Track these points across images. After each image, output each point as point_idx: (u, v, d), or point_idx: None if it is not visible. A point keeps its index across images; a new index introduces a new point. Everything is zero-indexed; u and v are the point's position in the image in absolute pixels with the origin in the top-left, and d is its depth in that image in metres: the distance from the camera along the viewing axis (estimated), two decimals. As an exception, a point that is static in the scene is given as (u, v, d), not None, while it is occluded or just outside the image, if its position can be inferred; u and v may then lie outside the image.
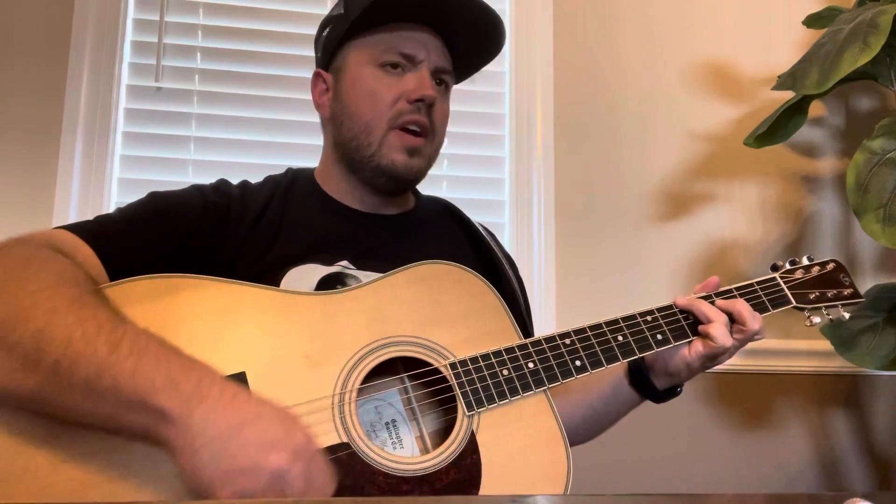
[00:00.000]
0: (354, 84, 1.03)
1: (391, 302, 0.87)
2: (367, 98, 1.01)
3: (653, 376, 1.00)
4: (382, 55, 1.01)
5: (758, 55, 1.84)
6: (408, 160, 1.01)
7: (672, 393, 1.02)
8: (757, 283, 1.02)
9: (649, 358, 0.99)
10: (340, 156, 1.06)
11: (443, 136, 1.08)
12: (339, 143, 1.05)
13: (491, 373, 0.85)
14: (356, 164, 1.03)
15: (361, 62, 1.02)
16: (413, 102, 0.99)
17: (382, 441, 0.83)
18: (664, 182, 1.79)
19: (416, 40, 1.01)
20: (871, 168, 1.39)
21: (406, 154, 1.01)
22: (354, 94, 1.02)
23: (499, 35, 1.06)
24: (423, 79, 1.00)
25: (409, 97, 0.99)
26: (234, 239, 0.96)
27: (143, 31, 1.66)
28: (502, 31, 1.06)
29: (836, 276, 1.05)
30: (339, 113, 1.04)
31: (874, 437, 1.76)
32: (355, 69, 1.03)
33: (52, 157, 1.56)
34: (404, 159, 1.01)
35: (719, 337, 0.92)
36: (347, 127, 1.03)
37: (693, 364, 0.95)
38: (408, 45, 1.01)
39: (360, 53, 1.03)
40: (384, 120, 1.00)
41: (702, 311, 0.94)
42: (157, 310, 0.78)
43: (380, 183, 1.04)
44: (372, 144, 1.00)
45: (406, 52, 1.01)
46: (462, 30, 1.04)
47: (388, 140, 1.00)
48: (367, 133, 1.01)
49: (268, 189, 1.05)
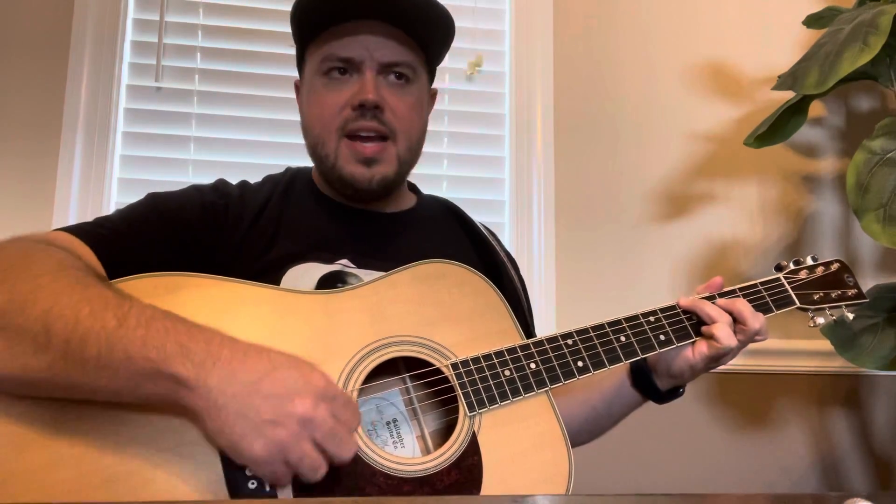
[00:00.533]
0: (307, 96, 1.03)
1: (393, 301, 0.87)
2: (316, 109, 1.00)
3: (655, 377, 0.99)
4: (322, 64, 0.99)
5: (758, 55, 1.84)
6: (366, 171, 0.98)
7: (674, 394, 1.01)
8: (761, 283, 1.01)
9: (652, 359, 0.98)
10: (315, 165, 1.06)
11: (414, 130, 1.02)
12: (309, 154, 1.05)
13: (493, 373, 0.85)
14: (323, 174, 1.04)
15: (311, 73, 1.02)
16: (356, 108, 0.97)
17: (383, 440, 0.83)
18: (664, 182, 1.79)
19: (355, 42, 0.97)
20: (871, 168, 1.39)
21: (363, 165, 0.98)
22: (307, 107, 1.03)
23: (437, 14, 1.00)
24: (364, 83, 0.96)
25: (351, 103, 0.97)
26: (233, 238, 0.96)
27: (143, 31, 1.66)
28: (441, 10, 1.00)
29: (840, 276, 1.04)
30: (302, 125, 1.05)
31: (874, 437, 1.76)
32: (308, 81, 1.03)
33: (52, 157, 1.56)
34: (362, 170, 0.98)
35: (723, 338, 0.91)
36: (308, 141, 1.03)
37: (697, 365, 0.94)
38: (345, 48, 0.97)
39: (310, 64, 1.02)
40: (333, 130, 0.98)
41: (705, 312, 0.94)
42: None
43: (348, 194, 1.03)
44: (329, 156, 0.99)
45: (344, 57, 0.97)
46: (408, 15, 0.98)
47: (340, 151, 0.98)
48: (322, 145, 1.00)
49: (267, 188, 1.05)
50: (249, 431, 0.65)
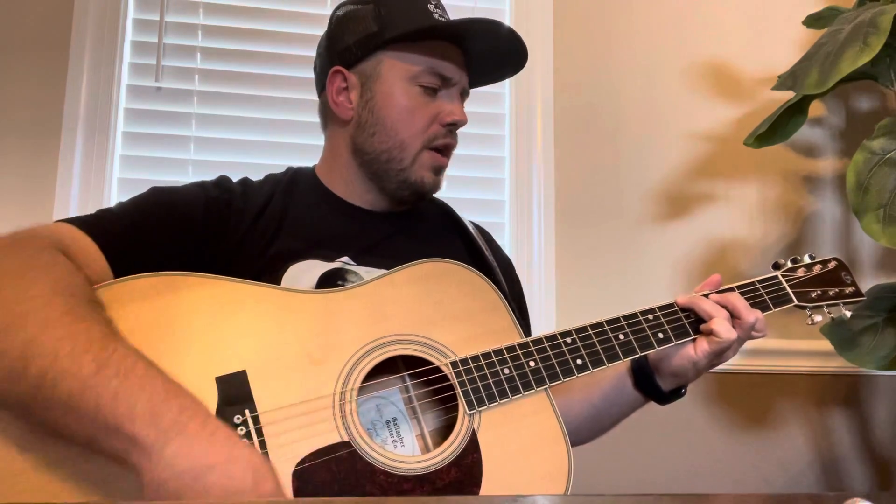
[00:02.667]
0: (389, 98, 1.02)
1: (392, 300, 0.87)
2: (404, 116, 1.02)
3: (658, 378, 0.99)
4: (421, 76, 1.02)
5: (758, 55, 1.84)
6: (434, 178, 1.06)
7: (676, 394, 1.01)
8: (759, 281, 1.02)
9: (654, 359, 0.98)
10: (361, 161, 1.05)
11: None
12: (365, 151, 1.04)
13: (492, 371, 0.85)
14: (381, 175, 1.04)
15: (397, 76, 1.02)
16: (446, 125, 1.03)
17: (383, 439, 0.83)
18: (664, 182, 1.79)
19: (452, 60, 1.04)
20: (871, 168, 1.39)
21: (433, 173, 1.05)
22: (390, 110, 1.02)
23: (520, 59, 1.10)
24: (456, 103, 1.05)
25: (442, 120, 1.03)
26: (234, 234, 0.96)
27: (143, 31, 1.66)
28: (524, 56, 1.09)
29: (837, 274, 1.04)
30: (370, 122, 1.03)
31: (874, 437, 1.76)
32: (390, 82, 1.02)
33: (52, 157, 1.56)
34: (432, 178, 1.05)
35: (722, 332, 0.91)
36: (380, 140, 1.03)
37: (699, 363, 0.94)
38: (446, 67, 1.03)
39: (395, 67, 1.02)
40: (419, 140, 1.02)
41: (702, 308, 0.94)
42: (158, 307, 0.78)
43: (403, 195, 1.06)
44: (404, 160, 1.03)
45: (444, 75, 1.03)
46: (485, 51, 1.06)
47: (420, 159, 1.03)
48: (401, 150, 1.02)
49: (268, 186, 1.06)
50: None
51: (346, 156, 1.07)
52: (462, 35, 1.04)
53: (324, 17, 1.73)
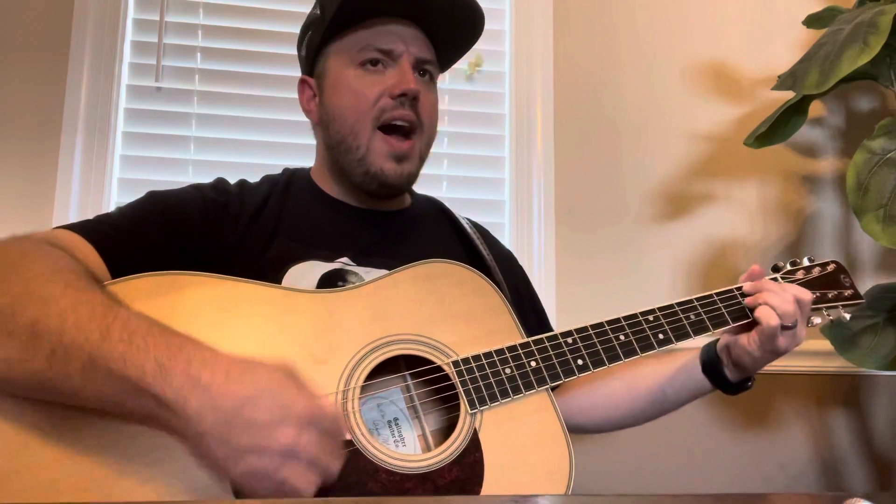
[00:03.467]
0: (336, 86, 1.02)
1: (394, 300, 0.87)
2: (350, 99, 1.00)
3: (725, 368, 0.98)
4: (360, 54, 1.00)
5: (758, 55, 1.84)
6: (396, 167, 1.00)
7: (743, 386, 1.00)
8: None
9: (721, 348, 0.98)
10: (333, 159, 1.05)
11: (433, 128, 1.06)
12: (329, 147, 1.05)
13: (493, 371, 0.85)
14: (346, 168, 1.03)
15: (341, 64, 1.02)
16: (396, 97, 0.98)
17: (385, 439, 0.83)
18: (664, 182, 1.79)
19: (393, 34, 1.00)
20: (871, 168, 1.40)
21: (394, 161, 1.00)
22: (338, 97, 1.02)
23: (477, 18, 1.06)
24: (404, 72, 0.99)
25: (391, 93, 0.98)
26: (232, 236, 0.96)
27: (143, 31, 1.66)
28: (480, 14, 1.05)
29: (836, 276, 1.04)
30: (326, 117, 1.04)
31: (874, 437, 1.76)
32: (336, 72, 1.03)
33: (52, 157, 1.56)
34: (392, 166, 1.00)
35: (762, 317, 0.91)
36: (335, 130, 1.02)
37: (754, 353, 0.93)
38: (384, 39, 0.99)
39: (339, 55, 1.03)
40: (368, 119, 0.99)
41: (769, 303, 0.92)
42: (160, 306, 0.78)
43: (371, 188, 1.03)
44: (360, 148, 1.00)
45: (383, 48, 0.99)
46: (439, 18, 1.02)
47: (374, 145, 0.99)
48: (354, 136, 1.00)
49: (265, 187, 1.06)
50: (230, 457, 0.63)
51: (324, 157, 1.08)
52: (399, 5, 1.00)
53: (324, 17, 1.74)
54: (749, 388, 1.01)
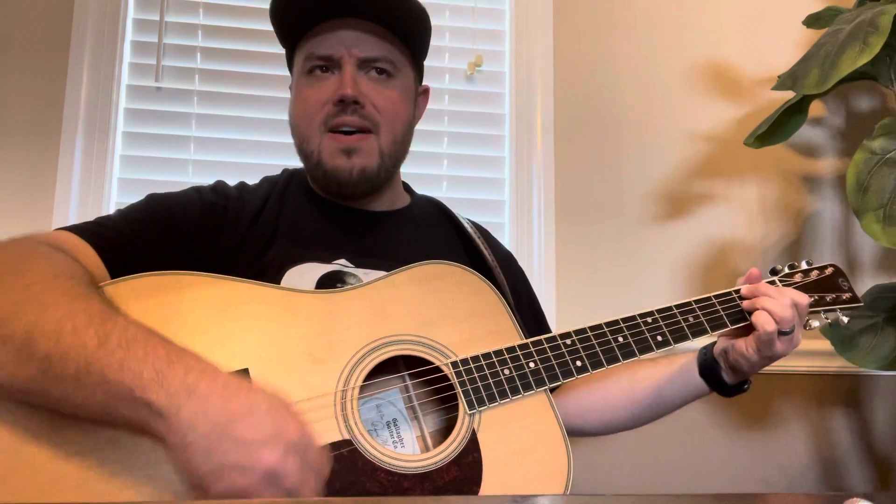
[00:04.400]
0: (294, 98, 1.05)
1: (393, 301, 0.88)
2: (300, 108, 1.02)
3: (722, 371, 0.98)
4: (305, 63, 1.01)
5: (758, 55, 1.84)
6: (346, 161, 0.99)
7: (739, 389, 1.00)
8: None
9: (718, 352, 0.98)
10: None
11: (398, 123, 1.03)
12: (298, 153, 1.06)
13: (492, 372, 0.85)
14: (311, 172, 1.05)
15: (296, 74, 1.05)
16: (337, 104, 0.98)
17: (384, 440, 0.83)
18: (664, 182, 1.79)
19: (333, 39, 0.99)
20: (871, 168, 1.39)
21: (343, 155, 0.99)
22: (293, 108, 1.05)
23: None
24: (343, 78, 0.98)
25: (332, 99, 0.98)
26: (232, 238, 0.97)
27: (143, 31, 1.66)
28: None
29: (834, 280, 1.04)
30: (290, 127, 1.06)
31: (874, 437, 1.76)
32: (294, 81, 1.05)
33: (52, 157, 1.56)
34: (342, 161, 0.99)
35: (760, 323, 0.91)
36: (295, 139, 1.04)
37: (752, 357, 0.93)
38: (322, 46, 0.99)
39: (295, 65, 1.05)
40: (316, 126, 0.99)
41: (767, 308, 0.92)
42: (160, 306, 0.79)
43: (333, 189, 1.03)
44: (314, 153, 1.01)
45: (322, 55, 0.99)
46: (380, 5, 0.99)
47: (324, 146, 1.00)
48: (307, 141, 1.01)
49: (265, 189, 1.06)
50: (213, 472, 0.63)
51: None
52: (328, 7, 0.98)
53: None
54: (746, 390, 1.01)
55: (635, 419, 1.07)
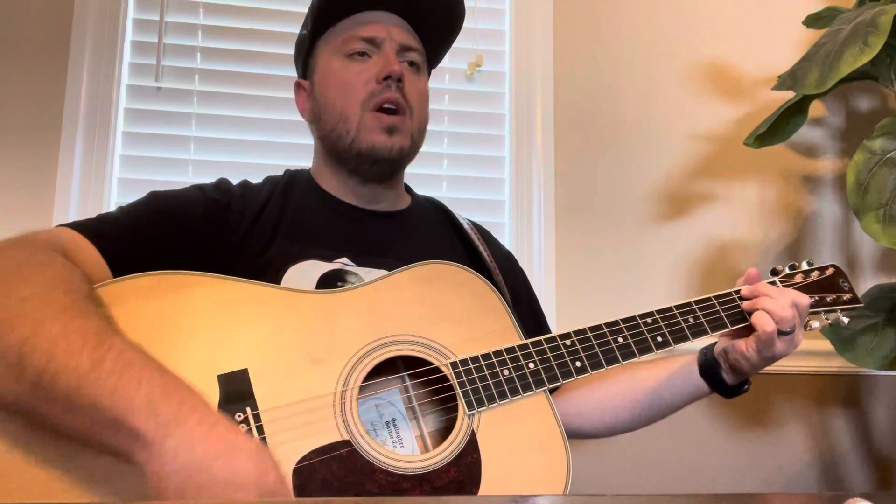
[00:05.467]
0: (325, 79, 1.06)
1: (393, 301, 0.87)
2: (338, 87, 1.03)
3: (722, 372, 0.98)
4: (345, 45, 1.04)
5: (758, 55, 1.84)
6: (387, 139, 1.01)
7: (739, 389, 1.00)
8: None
9: (718, 352, 0.98)
10: (327, 150, 1.08)
11: (423, 115, 1.09)
12: (323, 138, 1.07)
13: (492, 372, 0.85)
14: (341, 155, 1.05)
15: (328, 57, 1.06)
16: (382, 81, 1.01)
17: (383, 440, 0.83)
18: (664, 182, 1.79)
19: (375, 22, 1.04)
20: (871, 168, 1.39)
21: (385, 133, 1.01)
22: (326, 87, 1.05)
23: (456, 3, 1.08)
24: (387, 57, 1.02)
25: (377, 77, 1.01)
26: (233, 236, 0.97)
27: (143, 31, 1.66)
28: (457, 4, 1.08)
29: (835, 281, 1.04)
30: (317, 109, 1.07)
31: (874, 437, 1.76)
32: (324, 66, 1.06)
33: (52, 157, 1.56)
34: (383, 139, 1.01)
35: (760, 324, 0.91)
36: (325, 120, 1.05)
37: (752, 358, 0.93)
38: (367, 29, 1.03)
39: (325, 50, 1.06)
40: (357, 105, 1.02)
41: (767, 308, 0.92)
42: (160, 306, 0.79)
43: (365, 169, 1.05)
44: (350, 131, 1.02)
45: (366, 36, 1.03)
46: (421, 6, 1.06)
47: (364, 123, 1.01)
48: (344, 121, 1.02)
49: (267, 188, 1.06)
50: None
51: (320, 152, 1.11)
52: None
53: (324, 17, 1.73)
54: (746, 391, 1.01)
55: (635, 420, 1.07)
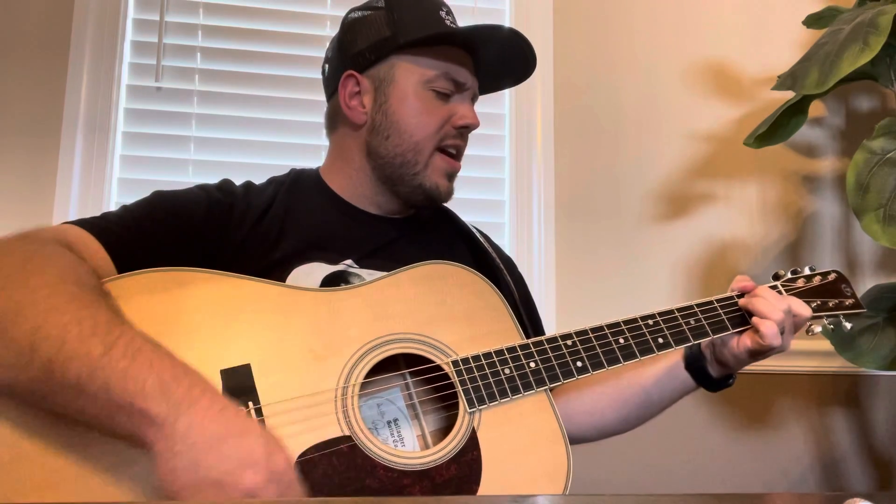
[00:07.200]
0: (404, 101, 1.03)
1: (395, 300, 0.88)
2: (419, 118, 1.03)
3: (708, 364, 1.00)
4: (435, 81, 1.03)
5: (758, 55, 1.84)
6: (448, 184, 1.06)
7: (725, 383, 1.02)
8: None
9: (705, 347, 1.00)
10: (375, 165, 1.05)
11: None
12: (379, 155, 1.04)
13: (493, 371, 0.85)
14: (395, 179, 1.05)
15: (412, 81, 1.03)
16: (458, 128, 1.04)
17: (384, 439, 0.83)
18: (664, 182, 1.79)
19: (464, 67, 1.05)
20: (871, 168, 1.40)
21: (447, 179, 1.06)
22: (405, 113, 1.03)
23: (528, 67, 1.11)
24: (469, 107, 1.06)
25: (455, 123, 1.04)
26: (237, 236, 0.97)
27: (143, 31, 1.66)
28: (532, 64, 1.10)
29: (837, 286, 1.05)
30: (384, 126, 1.04)
31: (874, 437, 1.76)
32: (404, 86, 1.03)
33: (53, 157, 1.56)
34: (446, 184, 1.06)
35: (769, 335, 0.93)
36: (395, 143, 1.03)
37: (741, 356, 0.97)
38: (460, 73, 1.05)
39: (410, 71, 1.03)
40: (432, 142, 1.03)
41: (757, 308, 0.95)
42: (164, 301, 0.79)
43: (416, 200, 1.06)
44: (419, 164, 1.03)
45: (458, 80, 1.05)
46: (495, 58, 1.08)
47: (433, 162, 1.04)
48: (416, 152, 1.03)
49: (271, 189, 1.06)
50: (191, 485, 0.63)
51: (358, 160, 1.07)
52: (475, 42, 1.06)
53: (324, 17, 1.74)
54: (730, 385, 1.03)
55: (623, 422, 1.07)
